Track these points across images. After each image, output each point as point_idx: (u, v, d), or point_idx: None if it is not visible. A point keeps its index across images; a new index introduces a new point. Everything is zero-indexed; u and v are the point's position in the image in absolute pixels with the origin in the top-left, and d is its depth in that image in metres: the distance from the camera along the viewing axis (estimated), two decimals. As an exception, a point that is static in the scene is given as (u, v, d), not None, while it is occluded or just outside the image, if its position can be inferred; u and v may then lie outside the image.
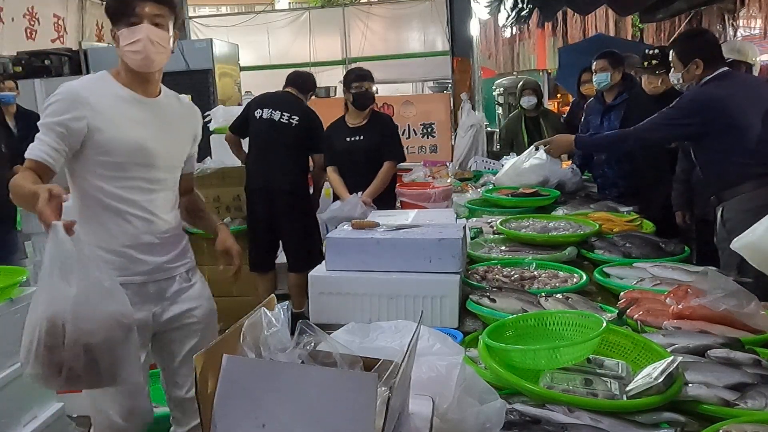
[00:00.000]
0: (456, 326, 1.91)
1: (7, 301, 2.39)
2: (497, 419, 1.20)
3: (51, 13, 7.31)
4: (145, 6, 1.88)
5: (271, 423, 0.90)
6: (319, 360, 1.04)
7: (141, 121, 1.98)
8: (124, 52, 1.92)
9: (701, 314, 1.73)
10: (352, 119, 4.11)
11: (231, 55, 7.44)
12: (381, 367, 1.05)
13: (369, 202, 3.83)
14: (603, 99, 4.16)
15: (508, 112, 7.55)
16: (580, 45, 9.61)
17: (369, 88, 4.04)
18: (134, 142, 1.95)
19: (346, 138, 4.09)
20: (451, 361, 1.21)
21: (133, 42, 1.88)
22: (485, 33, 13.19)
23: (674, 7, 6.58)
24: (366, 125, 4.08)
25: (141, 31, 1.88)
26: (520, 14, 6.78)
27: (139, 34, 1.88)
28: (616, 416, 1.29)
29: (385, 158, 4.07)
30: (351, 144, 4.08)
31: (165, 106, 2.07)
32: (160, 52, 1.93)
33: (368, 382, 0.89)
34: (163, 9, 1.91)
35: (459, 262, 2.00)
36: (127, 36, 1.89)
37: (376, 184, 3.98)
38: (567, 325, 1.59)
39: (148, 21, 1.88)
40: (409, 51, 9.78)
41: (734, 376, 1.41)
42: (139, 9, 1.87)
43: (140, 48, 1.89)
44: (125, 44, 1.90)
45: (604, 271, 2.30)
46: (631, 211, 3.27)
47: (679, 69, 2.98)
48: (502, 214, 3.28)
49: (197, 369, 0.96)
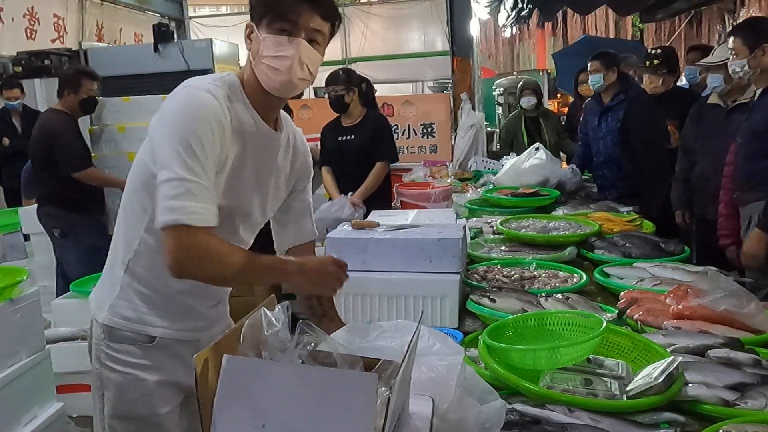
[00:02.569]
0: (456, 326, 1.91)
1: (7, 301, 2.39)
2: (497, 419, 1.20)
3: (51, 13, 7.31)
4: (311, 17, 1.42)
5: (271, 423, 0.90)
6: (319, 360, 1.04)
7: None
8: (261, 64, 1.43)
9: (701, 314, 1.73)
10: (346, 119, 4.09)
11: (231, 55, 7.43)
12: (381, 367, 1.05)
13: (358, 203, 3.80)
14: (600, 99, 4.16)
15: (508, 112, 7.56)
16: (572, 48, 9.64)
17: (339, 91, 3.92)
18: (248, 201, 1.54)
19: (338, 137, 4.06)
20: (451, 361, 1.21)
21: (279, 57, 1.41)
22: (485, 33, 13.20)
23: (674, 7, 6.59)
24: (358, 125, 4.06)
25: (294, 46, 1.40)
26: (520, 14, 6.78)
27: (289, 50, 1.40)
28: (616, 416, 1.29)
29: (377, 158, 3.99)
30: (342, 143, 4.04)
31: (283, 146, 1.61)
32: (305, 79, 1.45)
33: (368, 382, 0.89)
34: (326, 26, 1.46)
35: (459, 262, 2.00)
36: (271, 46, 1.41)
37: (367, 185, 3.94)
38: (567, 325, 1.59)
39: (305, 35, 1.42)
40: (409, 51, 9.79)
41: (734, 376, 1.41)
42: (302, 19, 1.40)
43: (285, 67, 1.41)
44: (267, 54, 1.42)
45: (604, 271, 2.30)
46: (631, 211, 3.27)
47: (744, 55, 2.92)
48: (502, 214, 3.28)
49: (197, 369, 0.96)
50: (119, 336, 1.51)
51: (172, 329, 1.53)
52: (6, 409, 2.39)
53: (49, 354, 2.61)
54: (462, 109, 6.09)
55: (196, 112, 1.35)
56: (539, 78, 12.13)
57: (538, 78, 10.73)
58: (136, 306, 1.50)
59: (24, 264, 4.22)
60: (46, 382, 2.60)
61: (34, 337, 2.51)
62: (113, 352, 1.51)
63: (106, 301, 1.52)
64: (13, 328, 2.39)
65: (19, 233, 4.48)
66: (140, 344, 1.51)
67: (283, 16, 1.40)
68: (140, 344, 1.51)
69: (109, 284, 1.54)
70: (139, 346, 1.51)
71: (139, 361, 1.51)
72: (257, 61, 1.44)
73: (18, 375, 2.40)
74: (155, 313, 1.51)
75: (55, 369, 2.68)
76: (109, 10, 8.27)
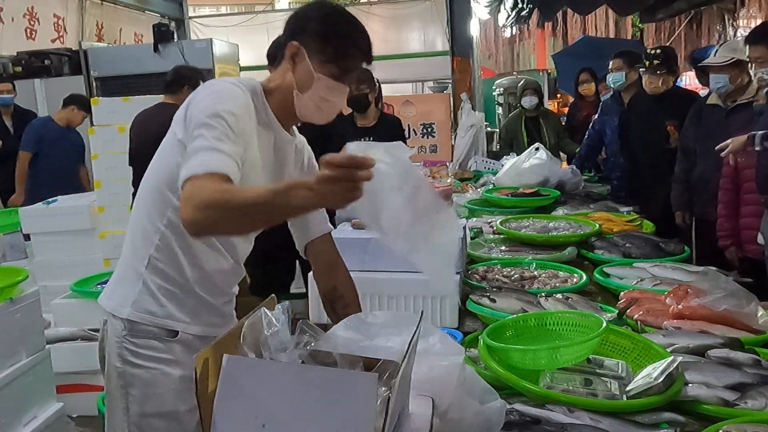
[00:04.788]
0: (456, 326, 1.91)
1: (7, 301, 2.39)
2: (497, 419, 1.20)
3: (51, 13, 7.30)
4: (360, 66, 1.50)
5: (271, 423, 0.90)
6: (319, 360, 1.05)
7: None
8: (307, 99, 1.47)
9: (701, 314, 1.73)
10: (362, 120, 4.05)
11: (231, 55, 7.43)
12: (381, 367, 1.04)
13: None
14: (621, 99, 4.13)
15: (508, 112, 7.55)
16: (572, 48, 9.64)
17: (364, 90, 3.86)
18: None
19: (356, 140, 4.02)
20: (451, 361, 1.21)
21: (328, 102, 1.47)
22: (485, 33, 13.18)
23: (674, 7, 6.59)
24: (376, 126, 4.01)
25: (343, 94, 1.48)
26: (520, 14, 6.78)
27: (339, 98, 1.48)
28: (616, 416, 1.29)
29: None
30: None
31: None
32: (331, 117, 1.54)
33: (368, 382, 0.89)
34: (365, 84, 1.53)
35: (459, 262, 2.00)
36: (324, 89, 1.45)
37: None
38: (567, 325, 1.59)
39: (353, 86, 1.55)
40: (409, 51, 9.77)
41: (734, 376, 1.41)
42: (355, 69, 1.48)
43: (330, 111, 1.50)
44: (318, 94, 1.45)
45: (604, 271, 2.30)
46: (631, 211, 3.27)
47: None
48: (502, 214, 3.28)
49: (197, 369, 0.96)
50: (143, 331, 1.51)
51: (193, 324, 1.55)
52: (6, 409, 2.39)
53: (49, 354, 2.60)
54: (462, 109, 6.08)
55: (228, 94, 1.39)
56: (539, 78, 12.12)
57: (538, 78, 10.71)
58: (159, 301, 1.51)
59: (24, 264, 4.20)
60: (46, 382, 2.60)
61: (34, 337, 2.51)
62: (137, 348, 1.51)
63: (129, 297, 1.52)
64: (13, 328, 2.38)
65: (19, 233, 4.47)
66: (164, 339, 1.52)
67: (344, 66, 1.44)
68: (164, 339, 1.52)
69: (130, 280, 1.54)
70: (162, 340, 1.52)
71: (164, 356, 1.52)
72: (303, 93, 1.45)
73: (18, 375, 2.40)
74: (177, 308, 1.53)
75: (55, 369, 2.68)
76: (109, 10, 8.26)
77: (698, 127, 3.53)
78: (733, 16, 10.43)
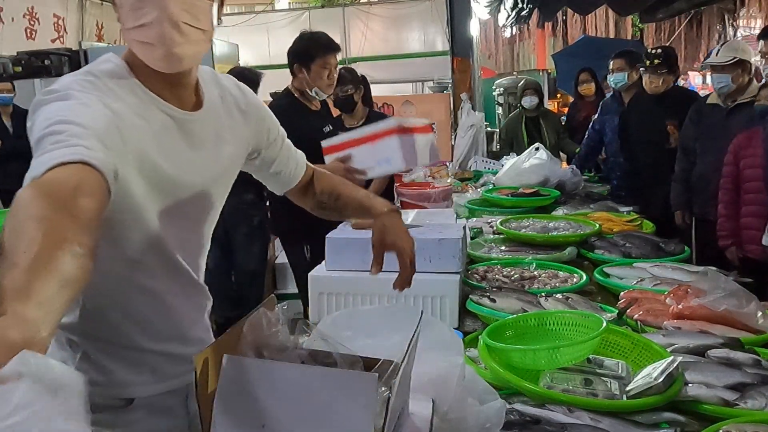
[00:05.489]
0: (456, 326, 1.91)
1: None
2: (497, 419, 1.20)
3: (51, 13, 7.31)
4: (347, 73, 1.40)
5: (271, 423, 0.90)
6: (319, 360, 1.04)
7: None
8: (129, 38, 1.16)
9: (701, 314, 1.73)
10: (350, 119, 4.07)
11: (231, 55, 7.44)
12: (381, 367, 1.04)
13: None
14: (621, 99, 4.13)
15: (508, 112, 7.55)
16: (571, 48, 9.64)
17: (349, 91, 3.81)
18: None
19: None
20: (451, 361, 1.21)
21: (143, 26, 1.12)
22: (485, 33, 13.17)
23: (674, 7, 6.57)
24: (364, 125, 4.04)
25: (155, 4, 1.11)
26: (520, 14, 6.78)
27: (152, 12, 1.11)
28: (616, 416, 1.29)
29: None
30: None
31: None
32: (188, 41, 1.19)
33: (368, 382, 0.89)
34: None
35: (459, 262, 2.00)
36: (130, 13, 1.12)
37: (374, 188, 3.93)
38: (567, 325, 1.59)
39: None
40: (409, 51, 9.79)
41: (734, 376, 1.41)
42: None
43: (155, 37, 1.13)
44: (130, 26, 1.14)
45: (604, 271, 2.30)
46: (631, 211, 3.27)
47: None
48: (502, 214, 3.27)
49: (197, 369, 0.96)
50: None
51: (154, 383, 1.30)
52: (6, 409, 2.39)
53: (49, 354, 2.60)
54: (462, 109, 6.08)
55: None
56: (539, 78, 12.12)
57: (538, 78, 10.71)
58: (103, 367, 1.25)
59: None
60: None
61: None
62: None
63: None
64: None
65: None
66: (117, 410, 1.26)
67: None
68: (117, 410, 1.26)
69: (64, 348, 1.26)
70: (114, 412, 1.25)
71: None
72: (126, 34, 1.15)
73: (18, 375, 2.40)
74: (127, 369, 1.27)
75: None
76: (109, 10, 8.25)
77: (698, 127, 3.53)
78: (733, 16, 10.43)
